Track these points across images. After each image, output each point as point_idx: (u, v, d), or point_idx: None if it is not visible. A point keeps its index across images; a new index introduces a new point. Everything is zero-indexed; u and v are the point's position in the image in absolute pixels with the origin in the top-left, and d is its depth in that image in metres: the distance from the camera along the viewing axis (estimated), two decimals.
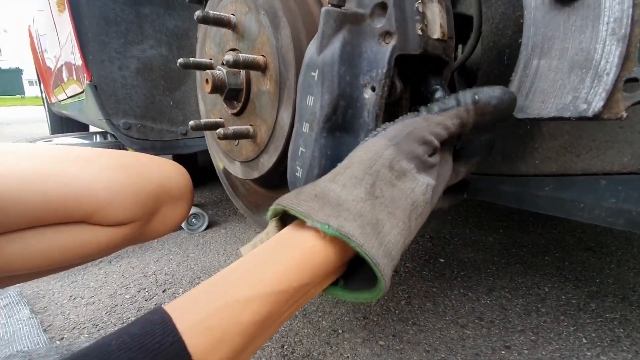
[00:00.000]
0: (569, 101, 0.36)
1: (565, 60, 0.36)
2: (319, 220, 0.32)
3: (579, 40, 0.35)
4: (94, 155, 0.62)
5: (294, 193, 0.36)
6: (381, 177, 0.34)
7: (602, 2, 0.33)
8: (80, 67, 1.18)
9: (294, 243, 0.34)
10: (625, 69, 0.32)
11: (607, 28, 0.33)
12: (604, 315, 0.92)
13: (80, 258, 0.62)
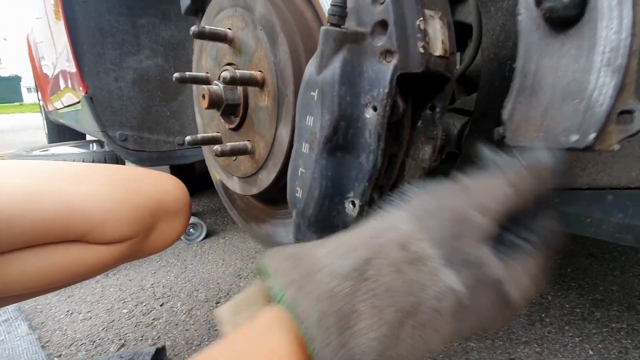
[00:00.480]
0: (560, 131, 0.35)
1: (558, 89, 0.35)
2: (279, 284, 0.25)
3: (573, 69, 0.34)
4: (89, 172, 0.60)
5: (280, 248, 0.29)
6: (384, 255, 0.25)
7: (598, 31, 0.32)
8: (76, 77, 1.17)
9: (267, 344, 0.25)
10: (620, 100, 0.31)
11: (603, 58, 0.32)
12: (610, 325, 0.91)
13: (77, 277, 0.60)
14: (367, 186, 0.41)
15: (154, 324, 1.01)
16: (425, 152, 0.48)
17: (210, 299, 1.12)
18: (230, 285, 1.19)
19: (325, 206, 0.43)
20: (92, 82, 1.09)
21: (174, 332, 0.97)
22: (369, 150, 0.39)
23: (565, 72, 0.34)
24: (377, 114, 0.38)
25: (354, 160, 0.41)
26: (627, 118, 0.31)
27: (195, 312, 1.05)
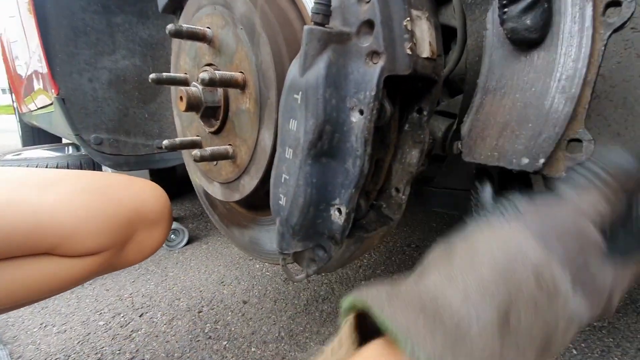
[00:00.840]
0: (513, 153, 0.35)
1: (515, 110, 0.36)
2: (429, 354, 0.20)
3: (530, 92, 0.34)
4: (59, 178, 0.56)
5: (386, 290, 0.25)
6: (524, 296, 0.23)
7: (557, 57, 0.32)
8: (48, 78, 1.11)
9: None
10: (570, 128, 0.32)
11: (558, 85, 0.33)
12: (592, 324, 0.92)
13: (48, 292, 0.56)
14: (353, 192, 0.39)
15: (133, 336, 0.96)
16: (412, 156, 0.47)
17: (192, 308, 1.08)
18: (213, 293, 1.16)
19: (310, 214, 0.41)
20: (65, 83, 1.04)
21: (154, 345, 0.92)
22: (355, 156, 0.38)
23: (523, 94, 0.35)
24: (364, 117, 0.36)
25: (339, 166, 0.39)
26: (576, 146, 0.32)
27: (176, 323, 1.01)
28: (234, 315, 1.03)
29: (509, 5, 0.33)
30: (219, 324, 0.99)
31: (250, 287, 1.18)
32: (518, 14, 0.32)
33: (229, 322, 1.00)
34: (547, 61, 0.33)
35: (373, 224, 0.50)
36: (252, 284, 1.20)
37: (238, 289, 1.17)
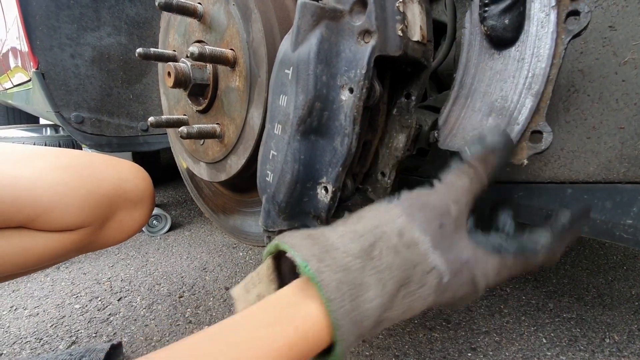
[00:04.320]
0: None
1: (486, 104, 0.39)
2: (302, 256, 0.29)
3: (500, 87, 0.38)
4: (38, 154, 0.55)
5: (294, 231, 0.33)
6: (385, 240, 0.31)
7: (526, 57, 0.36)
8: (27, 53, 1.07)
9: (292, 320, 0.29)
10: (534, 121, 0.36)
11: (525, 82, 0.36)
12: (562, 315, 0.96)
13: (20, 267, 0.55)
14: (340, 171, 0.40)
15: (110, 319, 0.95)
16: (399, 140, 0.48)
17: (173, 293, 1.06)
18: (195, 279, 1.15)
19: (297, 191, 0.41)
20: (45, 57, 1.00)
21: (132, 328, 0.91)
22: (343, 134, 0.38)
23: (495, 88, 0.38)
24: (354, 96, 0.37)
25: (328, 144, 0.40)
26: (538, 137, 0.36)
27: (156, 307, 1.00)
28: (215, 301, 1.02)
29: (490, 4, 0.36)
30: (200, 309, 0.99)
31: (232, 274, 1.17)
32: (498, 13, 0.36)
33: (210, 308, 0.99)
34: (517, 59, 0.37)
35: (358, 206, 0.50)
36: (235, 271, 1.19)
37: (220, 276, 1.17)
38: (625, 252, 1.36)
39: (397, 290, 0.30)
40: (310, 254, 0.29)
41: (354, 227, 0.32)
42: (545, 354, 0.82)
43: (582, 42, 0.48)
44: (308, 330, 0.29)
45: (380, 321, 0.30)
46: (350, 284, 0.28)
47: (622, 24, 0.43)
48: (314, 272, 0.28)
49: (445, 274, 0.31)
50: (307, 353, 0.29)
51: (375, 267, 0.30)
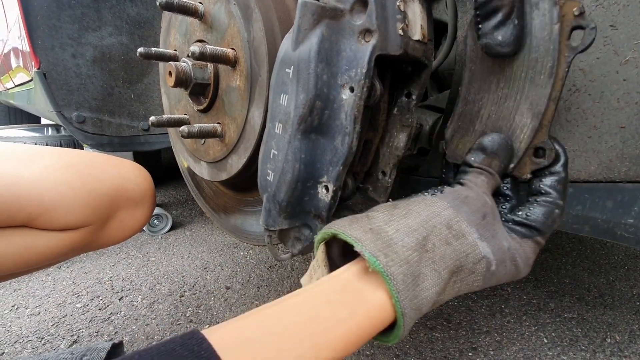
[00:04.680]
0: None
1: (490, 121, 0.40)
2: (370, 251, 0.31)
3: (504, 105, 0.39)
4: (39, 154, 0.55)
5: (347, 220, 0.35)
6: (436, 233, 0.33)
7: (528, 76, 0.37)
8: (28, 53, 1.07)
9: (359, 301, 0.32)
10: (537, 138, 0.38)
11: (528, 101, 0.37)
12: (563, 315, 0.96)
13: (22, 266, 0.55)
14: (341, 170, 0.40)
15: (111, 318, 0.95)
16: (400, 139, 0.48)
17: (174, 293, 1.07)
18: (196, 278, 1.15)
19: (298, 190, 0.41)
20: (46, 57, 1.00)
21: (133, 327, 0.91)
22: (344, 133, 0.38)
23: (498, 106, 0.40)
24: (354, 95, 0.37)
25: (328, 143, 0.40)
26: (541, 153, 0.38)
27: (157, 306, 1.00)
28: (216, 301, 1.02)
29: (482, 22, 0.36)
30: (201, 308, 0.99)
31: (233, 274, 1.18)
32: (490, 30, 0.35)
33: (211, 307, 0.99)
34: (519, 78, 0.37)
35: (359, 205, 0.50)
36: (236, 271, 1.20)
37: (221, 275, 1.17)
38: (626, 252, 1.35)
39: (450, 278, 0.33)
40: (376, 249, 0.31)
41: (406, 222, 0.34)
42: (547, 354, 0.82)
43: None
44: (377, 314, 0.31)
45: (434, 304, 0.33)
46: (411, 276, 0.31)
47: (623, 23, 0.43)
48: (382, 267, 0.30)
49: (493, 262, 0.34)
50: (372, 333, 0.32)
51: (430, 259, 0.32)
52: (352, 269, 0.34)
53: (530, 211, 0.37)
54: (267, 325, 0.29)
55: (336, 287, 0.33)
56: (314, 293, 0.32)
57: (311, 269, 0.38)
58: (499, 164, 0.38)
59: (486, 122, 0.41)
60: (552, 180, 0.38)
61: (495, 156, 0.38)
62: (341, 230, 0.33)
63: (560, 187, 0.38)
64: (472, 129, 0.42)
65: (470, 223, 0.34)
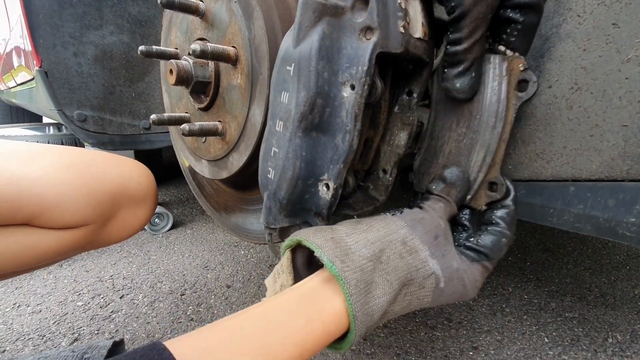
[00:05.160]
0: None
1: (451, 156, 0.45)
2: (329, 257, 0.34)
3: (463, 143, 0.44)
4: (42, 152, 0.55)
5: (313, 229, 0.38)
6: (392, 247, 0.36)
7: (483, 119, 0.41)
8: (30, 52, 1.07)
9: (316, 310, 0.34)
10: (490, 174, 0.42)
11: (483, 141, 0.42)
12: (564, 314, 0.96)
13: (23, 264, 0.55)
14: (342, 168, 0.40)
15: (112, 316, 0.95)
16: (400, 138, 0.48)
17: (175, 291, 1.07)
18: (196, 277, 1.15)
19: (299, 188, 0.41)
20: (48, 56, 1.00)
21: (134, 325, 0.92)
22: (345, 131, 0.38)
23: (457, 143, 0.44)
24: (355, 92, 0.37)
25: (329, 141, 0.40)
26: (494, 187, 0.43)
27: (157, 305, 1.00)
28: (217, 299, 1.03)
29: (447, 68, 0.40)
30: (201, 306, 0.99)
31: (234, 272, 1.18)
32: (452, 77, 0.40)
33: (212, 306, 0.99)
34: (475, 120, 0.42)
35: (360, 204, 0.50)
36: (237, 269, 1.20)
37: (222, 274, 1.17)
38: (628, 252, 1.35)
39: (400, 289, 0.35)
40: (334, 255, 0.34)
41: (365, 235, 0.37)
42: (547, 354, 0.82)
43: (585, 39, 0.48)
44: (332, 321, 0.34)
45: (384, 314, 0.35)
46: (364, 282, 0.34)
47: (625, 21, 0.43)
48: (338, 271, 0.33)
49: (441, 279, 0.37)
50: (328, 340, 0.34)
51: (383, 269, 0.35)
52: (315, 279, 0.36)
53: (481, 238, 0.41)
54: (226, 336, 0.30)
55: (297, 297, 0.35)
56: (276, 303, 0.34)
57: (275, 272, 0.41)
58: (457, 194, 0.42)
59: (448, 156, 0.45)
60: (503, 212, 0.42)
61: (453, 186, 0.42)
62: (305, 237, 0.36)
63: (509, 219, 0.42)
64: (436, 161, 0.46)
65: (424, 242, 0.37)
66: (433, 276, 0.37)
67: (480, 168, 0.42)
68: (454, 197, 0.42)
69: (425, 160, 0.48)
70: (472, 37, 0.37)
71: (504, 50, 0.40)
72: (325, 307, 0.34)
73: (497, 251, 0.41)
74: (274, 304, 0.34)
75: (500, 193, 0.42)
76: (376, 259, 0.35)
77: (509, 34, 0.39)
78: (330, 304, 0.34)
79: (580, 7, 0.46)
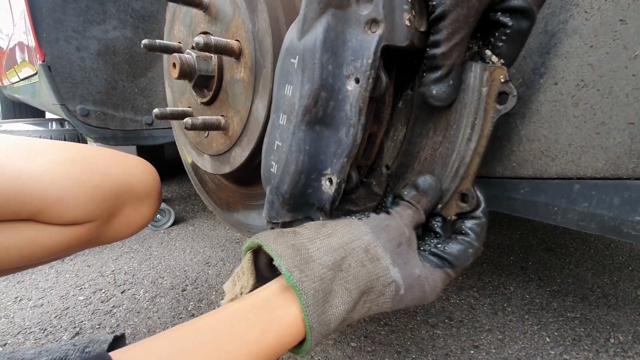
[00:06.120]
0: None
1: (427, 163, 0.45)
2: (287, 266, 0.33)
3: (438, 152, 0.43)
4: (45, 147, 0.55)
5: (274, 233, 0.37)
6: (354, 255, 0.36)
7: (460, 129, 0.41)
8: (33, 47, 1.07)
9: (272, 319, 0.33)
10: (462, 185, 0.42)
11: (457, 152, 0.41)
12: (566, 314, 0.96)
13: (26, 260, 0.55)
14: (345, 162, 0.40)
15: (114, 311, 0.95)
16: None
17: (176, 287, 1.07)
18: (198, 273, 1.15)
19: (301, 182, 0.41)
20: (51, 50, 1.00)
21: (135, 320, 0.92)
22: (349, 125, 0.38)
23: (433, 151, 0.44)
24: (360, 86, 0.36)
25: (333, 135, 0.40)
26: (465, 198, 0.43)
27: (159, 300, 1.00)
28: (218, 295, 1.03)
29: (426, 72, 0.39)
30: (202, 302, 0.99)
31: None
32: (429, 82, 0.38)
33: (213, 301, 0.99)
34: (451, 130, 0.42)
35: (362, 199, 0.50)
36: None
37: (224, 270, 1.17)
38: (630, 253, 1.34)
39: (360, 297, 0.35)
40: (293, 264, 0.33)
41: (328, 241, 0.36)
42: (549, 353, 0.81)
43: (592, 35, 0.47)
44: (287, 330, 0.33)
45: (342, 321, 0.35)
46: (323, 292, 0.33)
47: (633, 17, 0.43)
48: (296, 281, 0.32)
49: (402, 287, 0.37)
50: (283, 350, 0.34)
51: (343, 278, 0.35)
52: (273, 286, 0.36)
53: (448, 246, 0.41)
54: (178, 345, 0.29)
55: (254, 304, 0.34)
56: (230, 312, 0.33)
57: (235, 275, 0.40)
58: (427, 203, 0.42)
59: (423, 163, 0.45)
60: (472, 223, 0.42)
61: (425, 195, 0.42)
62: (266, 242, 0.35)
63: (479, 230, 0.42)
64: (412, 167, 0.46)
65: (386, 249, 0.37)
66: (394, 284, 0.36)
67: (453, 179, 0.42)
68: (424, 205, 0.42)
69: (401, 164, 0.47)
70: (451, 41, 0.35)
71: (490, 55, 0.39)
72: (281, 316, 0.33)
73: (462, 260, 0.41)
74: (228, 314, 0.33)
75: (470, 205, 0.42)
76: (337, 267, 0.35)
77: (496, 38, 0.38)
78: (287, 314, 0.33)
79: (588, 3, 0.46)
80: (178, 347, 0.29)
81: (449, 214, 0.43)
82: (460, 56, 0.37)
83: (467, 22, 0.35)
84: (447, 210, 0.44)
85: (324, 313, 0.33)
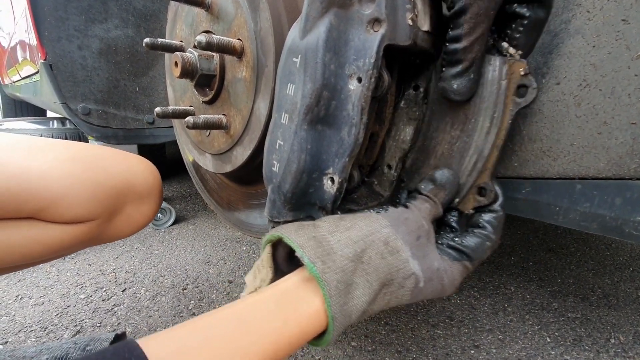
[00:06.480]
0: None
1: (444, 157, 0.44)
2: (310, 257, 0.33)
3: (456, 145, 0.43)
4: (48, 146, 0.55)
5: (294, 226, 0.37)
6: (374, 247, 0.36)
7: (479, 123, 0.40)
8: (35, 46, 1.07)
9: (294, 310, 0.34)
10: (480, 179, 0.42)
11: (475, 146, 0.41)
12: (566, 314, 0.96)
13: (29, 258, 0.55)
14: (347, 162, 0.40)
15: (115, 310, 0.96)
16: (406, 133, 0.47)
17: (177, 285, 1.07)
18: (198, 272, 1.15)
19: (303, 181, 0.41)
20: (53, 49, 1.00)
21: (136, 319, 0.92)
22: (351, 124, 0.38)
23: (450, 145, 0.44)
24: (362, 85, 0.36)
25: (335, 134, 0.40)
26: (483, 192, 0.42)
27: (159, 299, 1.01)
28: (219, 294, 1.03)
29: (446, 67, 0.38)
30: (203, 301, 0.99)
31: (236, 268, 1.18)
32: (449, 77, 0.38)
33: (214, 300, 1.00)
34: (470, 124, 0.41)
35: (364, 199, 0.50)
36: (239, 265, 1.20)
37: (224, 269, 1.17)
38: (631, 254, 1.34)
39: (380, 289, 0.36)
40: (316, 256, 0.33)
41: (348, 234, 0.36)
42: (549, 353, 0.81)
43: (595, 35, 0.47)
44: (309, 322, 0.33)
45: (363, 313, 0.35)
46: (345, 284, 0.33)
47: (636, 17, 0.43)
48: (319, 272, 0.33)
49: (421, 279, 0.37)
50: (304, 340, 0.34)
51: (364, 270, 0.35)
52: (294, 278, 0.36)
53: (466, 239, 0.41)
54: (201, 335, 0.30)
55: (275, 296, 0.34)
56: (253, 302, 0.34)
57: (255, 268, 0.40)
58: (444, 197, 0.42)
59: (440, 157, 0.44)
60: (490, 216, 0.42)
61: (442, 188, 0.42)
62: (287, 234, 0.36)
63: (496, 223, 0.42)
64: (428, 162, 0.46)
65: (406, 242, 0.37)
66: (413, 276, 0.36)
67: (470, 172, 0.42)
68: (442, 199, 0.42)
69: (417, 160, 0.47)
70: (472, 35, 0.35)
71: (507, 47, 0.38)
72: (303, 307, 0.34)
73: (480, 253, 0.41)
74: (250, 304, 0.34)
75: (488, 198, 0.42)
76: (358, 259, 0.35)
77: (513, 30, 0.38)
78: (308, 305, 0.34)
79: (590, 3, 0.46)
80: (203, 334, 0.30)
81: (467, 208, 0.43)
82: (481, 50, 0.37)
83: (487, 15, 0.35)
84: (464, 204, 0.43)
85: (346, 304, 0.33)
